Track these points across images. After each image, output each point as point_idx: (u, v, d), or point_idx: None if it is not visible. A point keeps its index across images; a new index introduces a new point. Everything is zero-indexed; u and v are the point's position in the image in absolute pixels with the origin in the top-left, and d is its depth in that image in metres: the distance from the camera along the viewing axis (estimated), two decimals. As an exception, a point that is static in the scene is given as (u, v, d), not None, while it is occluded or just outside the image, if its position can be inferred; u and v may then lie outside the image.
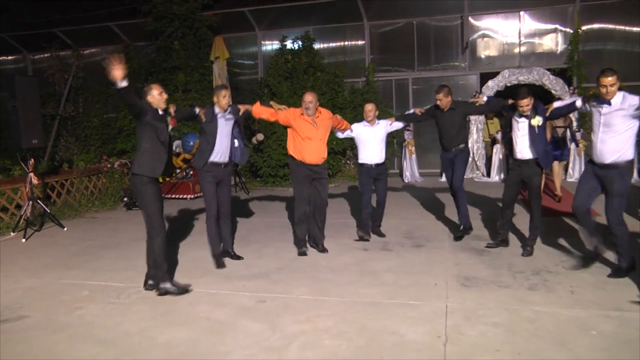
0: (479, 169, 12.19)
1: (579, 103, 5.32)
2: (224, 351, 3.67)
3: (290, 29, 13.28)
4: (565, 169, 11.54)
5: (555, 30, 12.35)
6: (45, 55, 15.26)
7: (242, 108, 5.94)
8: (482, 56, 12.95)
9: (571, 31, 12.01)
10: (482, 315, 4.13)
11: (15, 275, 5.78)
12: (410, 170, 12.34)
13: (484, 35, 12.86)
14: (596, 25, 12.01)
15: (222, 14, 13.49)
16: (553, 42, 12.42)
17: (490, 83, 12.12)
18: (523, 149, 5.69)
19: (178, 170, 10.93)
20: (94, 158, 12.39)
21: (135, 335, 4.01)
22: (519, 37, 12.57)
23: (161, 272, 4.86)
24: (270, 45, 13.94)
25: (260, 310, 4.41)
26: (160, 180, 11.32)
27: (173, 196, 10.55)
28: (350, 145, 12.55)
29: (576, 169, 11.27)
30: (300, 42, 12.99)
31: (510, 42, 12.68)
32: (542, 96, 13.21)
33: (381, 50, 13.43)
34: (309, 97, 5.99)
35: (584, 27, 11.93)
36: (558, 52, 12.34)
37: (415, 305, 4.40)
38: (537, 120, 5.55)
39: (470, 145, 12.27)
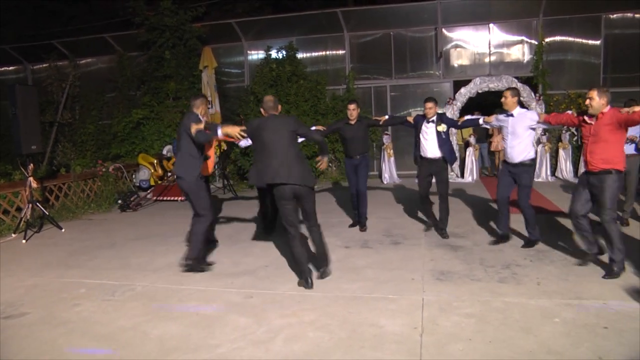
0: (453, 170, 12.26)
1: (481, 121, 6.35)
2: (213, 344, 3.66)
3: (275, 40, 13.21)
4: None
5: (521, 42, 12.47)
6: (44, 65, 15.04)
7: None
8: (455, 65, 13.00)
9: (536, 42, 12.12)
10: (456, 306, 4.16)
11: (17, 274, 5.71)
12: (389, 172, 12.38)
13: (456, 46, 12.92)
14: (558, 38, 12.15)
15: (211, 26, 13.41)
16: (520, 52, 12.53)
17: (462, 90, 12.20)
18: (431, 150, 6.46)
19: (169, 174, 10.86)
20: (89, 163, 12.26)
21: (129, 330, 3.98)
22: (489, 47, 12.66)
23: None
24: (256, 55, 13.87)
25: (248, 306, 4.40)
26: (153, 183, 11.30)
27: (165, 198, 10.49)
28: (333, 149, 12.56)
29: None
30: (284, 52, 12.95)
31: (480, 52, 12.76)
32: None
33: (360, 59, 13.44)
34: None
35: (547, 39, 12.06)
36: (524, 61, 12.45)
37: (393, 299, 4.42)
38: (442, 127, 6.39)
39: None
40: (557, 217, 7.23)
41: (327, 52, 13.63)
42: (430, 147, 6.47)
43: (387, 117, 7.39)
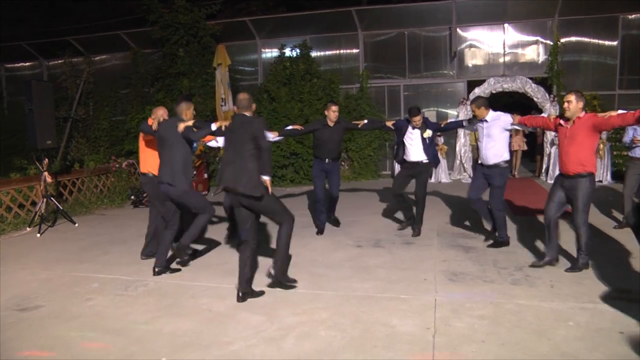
0: (465, 170, 12.19)
1: (465, 123, 6.38)
2: (225, 341, 3.66)
3: (289, 38, 13.24)
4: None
5: (536, 42, 12.38)
6: (59, 61, 15.19)
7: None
8: (469, 65, 12.94)
9: (551, 43, 12.02)
10: (468, 308, 4.13)
11: (31, 267, 5.77)
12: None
13: (470, 46, 12.86)
14: (573, 38, 12.05)
15: (225, 24, 13.44)
16: (534, 52, 12.44)
17: (476, 90, 12.13)
18: (415, 154, 6.52)
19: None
20: (103, 158, 12.34)
21: (142, 325, 4.00)
22: (503, 47, 12.58)
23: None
24: (270, 53, 13.89)
25: (260, 303, 4.40)
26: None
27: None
28: (346, 148, 12.55)
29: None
30: (298, 50, 12.97)
31: (495, 52, 12.68)
32: (525, 103, 13.38)
33: (374, 58, 13.41)
34: None
35: (562, 40, 11.95)
36: (539, 62, 12.36)
37: (406, 299, 4.41)
38: (428, 133, 6.46)
39: (457, 148, 12.32)
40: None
41: (341, 51, 13.62)
42: (414, 152, 6.54)
43: (366, 121, 7.21)
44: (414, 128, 6.48)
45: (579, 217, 4.86)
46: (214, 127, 4.91)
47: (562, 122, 5.00)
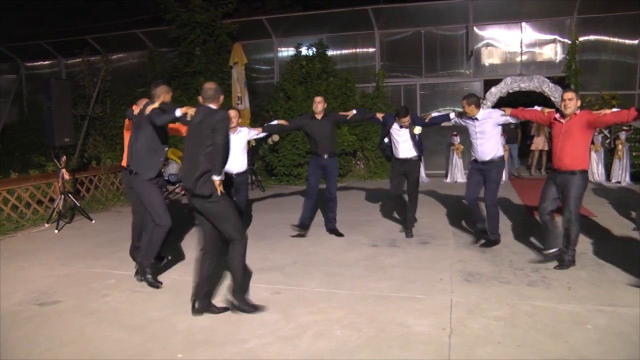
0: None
1: (452, 115, 6.29)
2: (241, 339, 3.68)
3: (305, 37, 13.25)
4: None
5: (554, 41, 12.25)
6: (77, 60, 15.38)
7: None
8: (486, 64, 12.85)
9: (569, 42, 11.89)
10: (484, 309, 4.10)
11: (49, 263, 5.86)
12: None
13: (487, 44, 12.76)
14: (592, 37, 11.90)
15: (241, 22, 13.49)
16: (552, 51, 12.31)
17: (493, 89, 12.04)
18: (404, 151, 6.50)
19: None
20: (119, 156, 12.43)
21: (157, 322, 4.03)
22: (521, 46, 12.47)
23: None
24: (286, 52, 13.92)
25: (275, 301, 4.41)
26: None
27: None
28: (361, 147, 12.55)
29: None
30: (314, 49, 12.97)
31: (512, 51, 12.57)
32: (542, 103, 13.21)
33: (390, 57, 13.37)
34: None
35: (580, 39, 11.80)
36: (557, 61, 12.23)
37: (421, 298, 4.39)
38: (418, 130, 6.41)
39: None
40: (588, 221, 7.06)
41: (357, 50, 13.61)
42: (403, 148, 6.51)
43: (354, 111, 6.93)
44: (400, 127, 6.45)
45: (571, 213, 4.95)
46: (178, 112, 4.42)
47: (557, 117, 5.09)
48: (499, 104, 12.20)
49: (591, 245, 5.84)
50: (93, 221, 8.11)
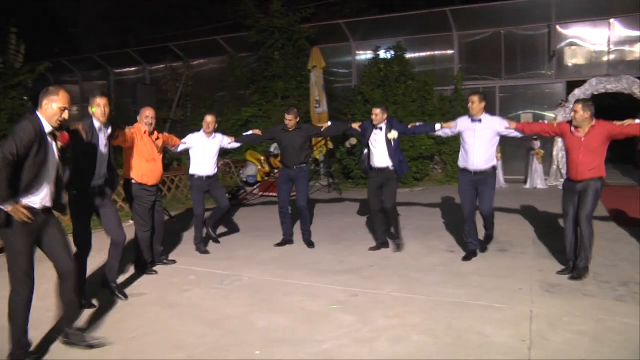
0: (562, 176, 11.46)
1: (438, 127, 5.99)
2: (318, 339, 3.67)
3: (382, 40, 13.21)
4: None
5: (647, 38, 11.47)
6: (161, 66, 16.19)
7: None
8: (569, 64, 12.28)
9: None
10: (566, 322, 3.86)
11: (134, 258, 6.09)
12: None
13: (571, 44, 12.19)
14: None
15: (319, 27, 13.68)
16: (644, 50, 11.53)
17: (576, 92, 11.42)
18: (379, 159, 6.02)
19: (276, 171, 11.17)
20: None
21: (236, 319, 4.11)
22: (608, 44, 11.78)
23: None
24: (364, 55, 13.96)
25: (352, 304, 4.38)
26: (259, 179, 11.68)
27: (271, 194, 10.74)
28: (439, 151, 12.32)
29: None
30: (392, 52, 12.89)
31: (598, 50, 11.93)
32: (631, 106, 12.38)
33: (469, 59, 13.10)
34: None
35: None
36: (649, 60, 11.44)
37: (500, 308, 4.21)
38: (393, 135, 5.91)
39: (555, 153, 11.76)
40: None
41: (435, 52, 13.46)
42: (379, 156, 6.03)
43: (329, 123, 6.79)
44: (376, 129, 5.96)
45: (587, 216, 4.85)
46: None
47: (573, 129, 4.94)
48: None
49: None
50: (174, 220, 8.42)
